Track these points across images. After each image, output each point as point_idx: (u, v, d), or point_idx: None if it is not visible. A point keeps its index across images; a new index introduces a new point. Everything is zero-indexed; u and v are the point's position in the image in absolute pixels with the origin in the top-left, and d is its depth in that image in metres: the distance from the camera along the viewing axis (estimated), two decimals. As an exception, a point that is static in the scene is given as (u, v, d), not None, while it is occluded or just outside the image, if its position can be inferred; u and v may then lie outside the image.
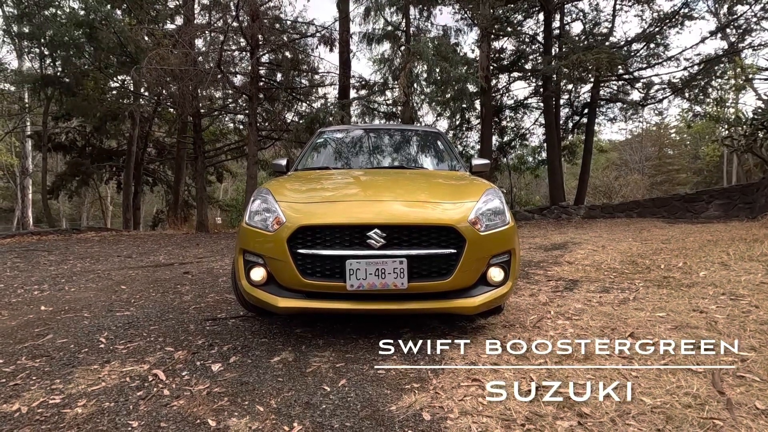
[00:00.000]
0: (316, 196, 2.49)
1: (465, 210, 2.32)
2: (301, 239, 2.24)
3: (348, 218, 2.21)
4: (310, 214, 2.28)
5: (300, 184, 2.72)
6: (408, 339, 2.39)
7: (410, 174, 2.94)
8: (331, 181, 2.77)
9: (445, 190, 2.60)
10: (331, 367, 2.04)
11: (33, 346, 2.43)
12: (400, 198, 2.38)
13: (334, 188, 2.63)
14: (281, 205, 2.37)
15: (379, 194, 2.43)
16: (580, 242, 6.44)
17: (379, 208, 2.26)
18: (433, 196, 2.46)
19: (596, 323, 2.54)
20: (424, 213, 2.27)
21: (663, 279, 3.63)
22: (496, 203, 2.51)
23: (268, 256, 2.30)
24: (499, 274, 2.41)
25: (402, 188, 2.59)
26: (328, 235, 2.22)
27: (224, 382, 1.92)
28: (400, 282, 2.17)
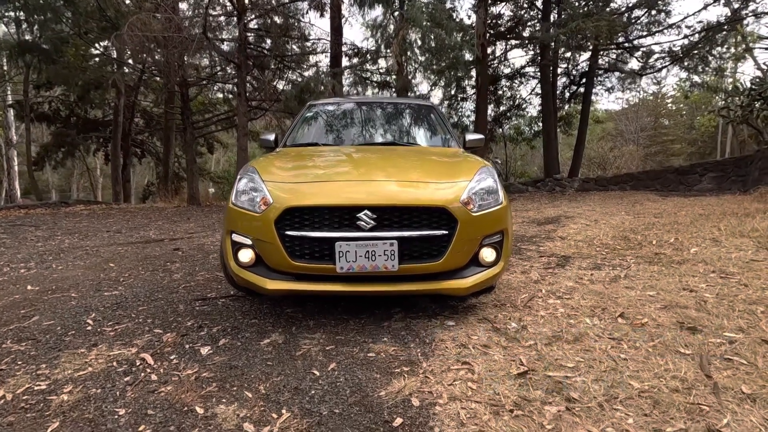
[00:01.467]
0: (304, 175, 2.41)
1: (457, 190, 2.27)
2: (288, 221, 2.18)
3: (337, 199, 2.15)
4: (297, 194, 2.21)
5: (288, 162, 2.64)
6: (399, 320, 2.39)
7: (402, 151, 2.86)
8: (321, 159, 2.69)
9: (438, 168, 2.53)
10: (321, 350, 2.03)
11: (18, 329, 2.40)
12: (392, 177, 2.31)
13: (324, 166, 2.54)
14: (268, 185, 2.30)
15: (370, 173, 2.36)
16: (573, 216, 6.44)
17: (369, 189, 2.20)
18: (425, 175, 2.39)
19: (587, 302, 2.55)
20: (415, 193, 2.20)
21: (654, 255, 3.64)
22: (490, 182, 2.45)
23: (255, 238, 2.25)
24: (491, 254, 2.38)
25: (393, 166, 2.51)
26: (317, 217, 2.16)
27: (213, 366, 1.91)
28: (391, 264, 2.13)
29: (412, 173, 2.41)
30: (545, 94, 11.16)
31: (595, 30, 7.39)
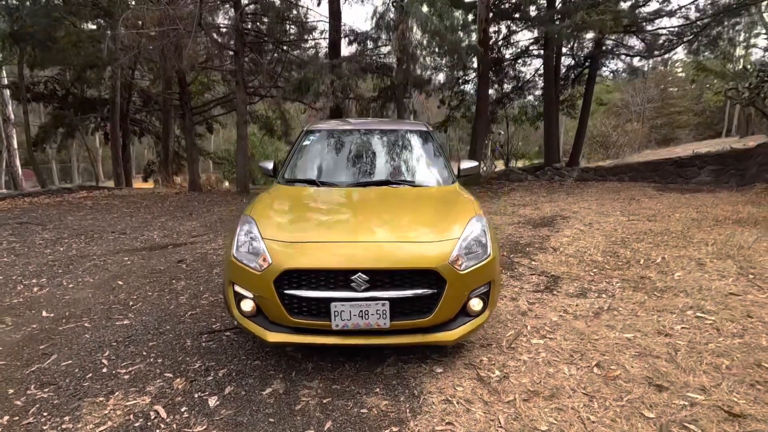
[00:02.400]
0: (302, 229, 2.52)
1: (447, 248, 2.39)
2: (287, 280, 2.32)
3: (333, 262, 2.28)
4: (295, 255, 2.34)
5: (285, 210, 2.75)
6: (391, 364, 2.57)
7: (397, 196, 2.96)
8: (317, 208, 2.79)
9: (430, 219, 2.64)
10: (319, 404, 2.22)
11: (40, 371, 2.59)
12: (385, 235, 2.43)
13: (320, 219, 2.65)
14: (267, 243, 2.42)
15: (365, 231, 2.48)
16: (569, 217, 6.55)
17: (364, 251, 2.32)
18: (416, 231, 2.50)
19: (567, 345, 2.72)
20: (406, 255, 2.33)
21: (640, 279, 3.79)
22: (479, 234, 2.57)
23: (255, 294, 2.40)
24: (478, 304, 2.53)
25: (387, 220, 2.62)
26: (314, 278, 2.30)
27: (220, 422, 2.10)
28: (383, 322, 2.29)
29: (405, 229, 2.52)
30: (547, 81, 10.98)
31: (599, 23, 7.23)
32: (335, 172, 3.30)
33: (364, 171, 3.31)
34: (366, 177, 3.25)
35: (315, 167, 3.38)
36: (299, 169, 3.38)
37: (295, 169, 3.39)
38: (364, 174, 3.28)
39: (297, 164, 3.43)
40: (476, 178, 10.31)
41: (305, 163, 3.43)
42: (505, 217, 6.87)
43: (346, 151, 3.51)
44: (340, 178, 3.23)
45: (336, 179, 3.22)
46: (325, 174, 3.30)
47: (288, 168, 3.42)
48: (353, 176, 3.26)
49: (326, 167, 3.37)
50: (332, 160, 3.44)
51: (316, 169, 3.36)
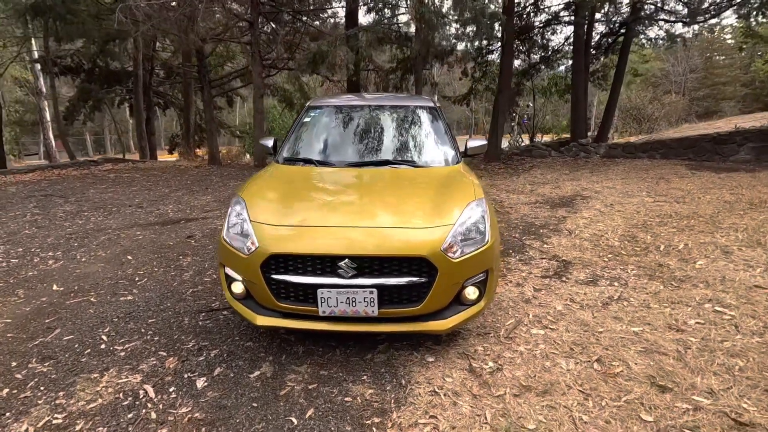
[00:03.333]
0: (291, 213, 2.44)
1: (441, 234, 2.27)
2: (274, 265, 2.27)
3: (319, 248, 2.21)
4: (282, 240, 2.27)
5: (278, 191, 2.66)
6: (383, 351, 2.52)
7: (396, 177, 2.82)
8: (311, 189, 2.70)
9: (427, 202, 2.50)
10: (304, 390, 2.19)
11: (43, 345, 2.67)
12: (375, 221, 2.32)
13: (312, 202, 2.56)
14: (255, 225, 2.36)
15: (355, 216, 2.38)
16: (590, 197, 6.25)
17: (352, 237, 2.23)
18: (410, 216, 2.38)
19: (569, 337, 2.59)
20: (396, 242, 2.22)
21: (657, 267, 3.57)
22: (477, 219, 2.43)
23: (244, 278, 2.36)
24: (474, 293, 2.43)
25: (382, 203, 2.51)
26: (300, 263, 2.24)
27: (206, 404, 2.11)
28: (371, 310, 2.22)
29: (399, 213, 2.40)
30: (577, 50, 10.30)
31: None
32: (334, 151, 3.19)
33: (364, 150, 3.18)
34: (366, 157, 3.12)
35: (313, 146, 3.27)
36: (297, 148, 3.28)
37: (293, 148, 3.29)
38: (364, 153, 3.15)
39: (295, 142, 3.33)
40: (497, 154, 9.96)
41: (304, 141, 3.33)
42: (522, 195, 6.63)
43: (347, 128, 3.38)
44: (339, 158, 3.11)
45: (334, 159, 3.11)
46: (323, 153, 3.19)
47: (286, 146, 3.33)
48: (353, 156, 3.14)
49: (325, 146, 3.26)
50: (332, 138, 3.32)
51: (314, 148, 3.25)
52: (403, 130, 3.34)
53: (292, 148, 3.29)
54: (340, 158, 3.10)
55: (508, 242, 4.44)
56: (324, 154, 3.17)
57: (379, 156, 3.10)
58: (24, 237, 4.95)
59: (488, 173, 8.75)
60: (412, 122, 3.43)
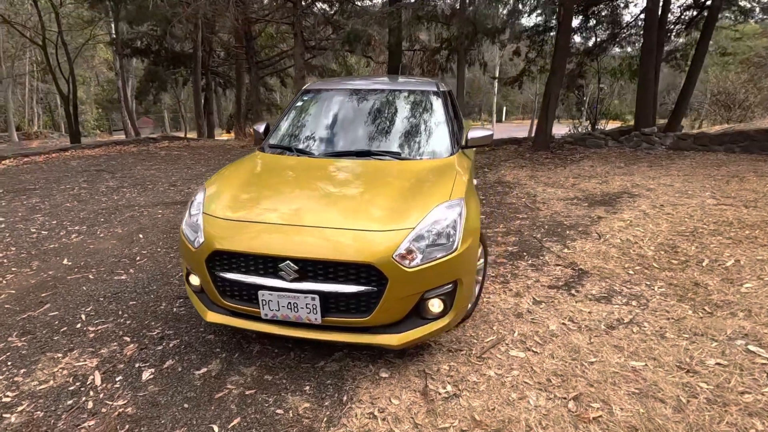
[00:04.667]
0: (246, 206, 2.29)
1: (395, 240, 2.01)
2: (218, 261, 2.15)
3: (260, 247, 2.05)
4: (227, 235, 2.14)
5: (242, 183, 2.52)
6: (338, 359, 2.33)
7: (371, 172, 2.57)
8: (275, 183, 2.53)
9: (393, 200, 2.24)
10: (240, 395, 2.08)
11: (29, 319, 2.80)
12: (328, 221, 2.10)
13: (269, 197, 2.38)
14: (205, 219, 2.25)
15: (308, 214, 2.17)
16: (639, 195, 5.52)
17: (295, 238, 2.04)
18: (369, 216, 2.14)
19: (551, 365, 2.23)
20: (342, 247, 2.00)
21: (692, 286, 3.01)
22: (447, 223, 2.14)
23: (194, 272, 2.28)
24: (438, 306, 2.16)
25: (343, 200, 2.28)
26: (243, 262, 2.10)
27: (142, 399, 2.07)
28: (314, 317, 2.05)
29: (358, 213, 2.17)
30: (649, 26, 9.03)
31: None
32: (316, 140, 2.99)
33: (347, 139, 2.94)
34: (348, 146, 2.88)
35: (298, 133, 3.09)
36: (282, 135, 3.12)
37: (279, 134, 3.14)
38: (347, 143, 2.92)
39: (282, 128, 3.17)
40: (546, 142, 9.17)
41: (290, 127, 3.16)
42: (560, 190, 6.01)
43: (336, 114, 3.15)
44: (319, 147, 2.91)
45: (314, 148, 2.91)
46: (304, 141, 3.00)
47: (273, 132, 3.18)
48: (334, 145, 2.92)
49: (309, 133, 3.07)
50: (317, 126, 3.11)
51: (296, 135, 3.07)
52: (394, 118, 3.04)
53: (277, 135, 3.13)
54: (320, 147, 2.90)
55: (525, 243, 4.02)
56: (305, 142, 2.99)
57: (362, 146, 2.85)
58: (63, 210, 5.33)
59: (531, 163, 8.09)
60: (407, 108, 3.13)
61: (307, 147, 2.91)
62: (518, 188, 6.22)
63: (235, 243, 2.09)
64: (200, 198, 2.43)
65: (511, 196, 5.81)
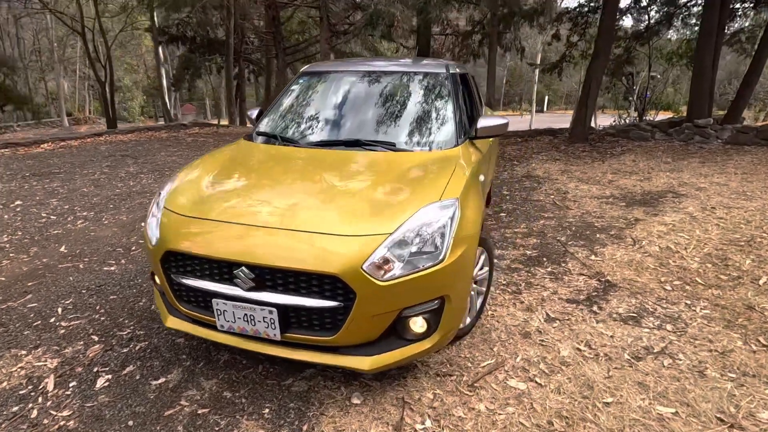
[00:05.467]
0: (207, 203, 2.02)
1: (366, 247, 1.69)
2: (173, 262, 1.92)
3: (213, 250, 1.78)
4: (182, 234, 1.90)
5: (215, 174, 2.26)
6: (308, 377, 2.06)
7: (357, 164, 2.25)
8: (248, 175, 2.25)
9: (374, 200, 1.91)
10: (191, 414, 1.85)
11: (7, 310, 2.71)
12: (294, 222, 1.81)
13: (237, 192, 2.10)
14: (165, 214, 2.02)
15: (271, 213, 1.88)
16: (686, 195, 4.88)
17: (253, 241, 1.77)
18: (342, 218, 1.82)
19: (556, 402, 1.85)
20: (303, 254, 1.70)
21: (744, 311, 2.51)
22: (434, 229, 1.80)
23: (155, 271, 2.06)
24: (420, 325, 1.84)
25: (317, 198, 1.97)
26: (197, 265, 1.85)
27: (88, 411, 1.88)
28: (273, 332, 1.77)
29: (330, 214, 1.85)
30: (710, 3, 8.03)
31: None
32: (305, 127, 2.69)
33: (337, 127, 2.63)
34: (338, 135, 2.57)
35: (286, 119, 2.81)
36: (269, 121, 2.84)
37: (267, 121, 2.86)
38: (336, 131, 2.60)
39: (271, 114, 2.89)
40: (584, 134, 8.45)
41: (281, 113, 2.87)
42: (595, 187, 5.44)
43: (331, 99, 2.84)
44: (305, 136, 2.61)
45: (301, 137, 2.61)
46: (290, 129, 2.71)
47: (263, 118, 2.91)
48: (323, 134, 2.61)
49: (298, 119, 2.77)
50: (308, 111, 2.81)
51: (285, 122, 2.78)
52: (392, 103, 2.69)
53: (266, 122, 2.86)
54: (306, 136, 2.60)
55: (547, 247, 3.58)
56: (291, 130, 2.69)
57: (353, 135, 2.52)
58: (78, 195, 5.35)
59: (566, 156, 7.46)
60: (409, 93, 2.76)
61: (292, 135, 2.62)
62: (548, 183, 5.70)
63: (187, 243, 1.84)
64: (165, 190, 2.20)
65: (539, 192, 5.32)
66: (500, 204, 4.87)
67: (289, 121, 2.78)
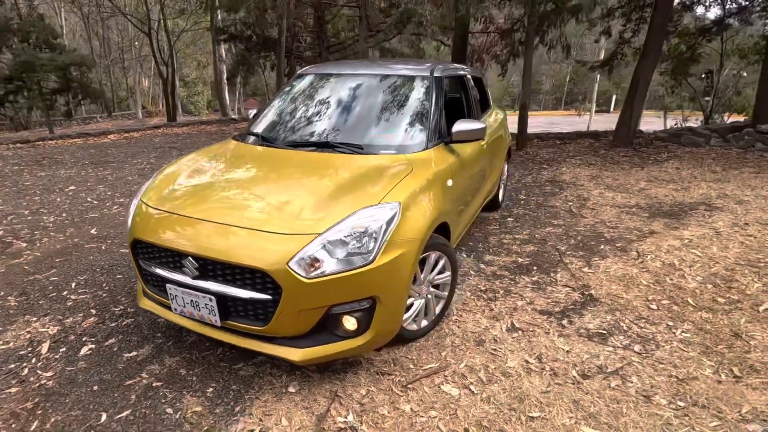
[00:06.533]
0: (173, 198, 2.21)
1: (296, 245, 1.80)
2: (140, 249, 2.14)
3: (167, 241, 1.98)
4: (148, 224, 2.11)
5: (191, 170, 2.47)
6: (258, 364, 2.21)
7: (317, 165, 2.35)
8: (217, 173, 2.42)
9: (318, 200, 2.00)
10: (146, 387, 2.06)
11: (33, 281, 3.12)
12: (238, 219, 1.95)
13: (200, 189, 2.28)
14: (138, 205, 2.26)
15: (222, 209, 2.04)
16: (721, 208, 4.47)
17: (200, 234, 1.93)
18: (282, 217, 1.94)
19: (480, 411, 1.85)
20: (238, 249, 1.84)
21: (729, 338, 2.31)
22: (370, 231, 1.87)
23: (131, 255, 2.30)
24: (352, 323, 1.92)
25: (267, 197, 2.11)
26: (156, 253, 2.06)
27: (66, 374, 2.16)
28: (213, 318, 1.94)
29: (273, 212, 1.98)
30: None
31: None
32: (283, 128, 2.83)
33: (312, 129, 2.74)
34: (311, 137, 2.68)
35: (272, 120, 2.96)
36: (259, 121, 3.01)
37: (257, 121, 3.04)
38: (312, 133, 2.71)
39: (262, 115, 3.07)
40: (628, 138, 7.90)
41: (269, 114, 3.04)
42: (622, 195, 5.13)
43: (314, 101, 2.95)
44: (283, 137, 2.74)
45: (277, 137, 2.75)
46: (272, 129, 2.86)
47: (255, 118, 3.10)
48: (298, 135, 2.73)
49: (280, 121, 2.91)
50: (292, 113, 2.95)
51: (269, 123, 2.94)
52: (368, 106, 2.75)
53: (256, 122, 3.05)
54: (283, 137, 2.74)
55: (542, 255, 3.48)
56: (272, 130, 2.84)
57: (324, 137, 2.63)
58: (123, 182, 5.93)
59: (603, 161, 7.03)
60: (386, 96, 2.81)
61: (271, 136, 2.77)
62: (570, 189, 5.45)
63: (149, 233, 2.05)
64: (146, 184, 2.44)
65: (558, 198, 5.11)
66: (511, 209, 4.75)
67: (273, 121, 2.93)
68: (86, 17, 22.72)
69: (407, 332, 2.28)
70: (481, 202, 3.67)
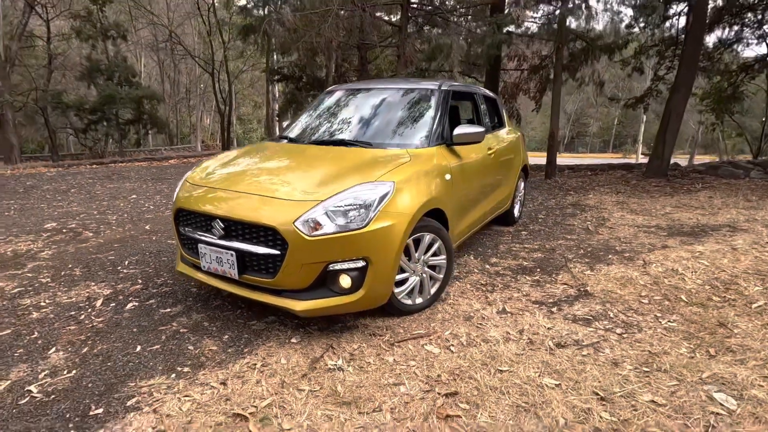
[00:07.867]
0: (211, 177, 2.69)
1: (302, 208, 2.17)
2: (182, 218, 2.59)
3: (201, 207, 2.41)
4: (188, 197, 2.57)
5: (231, 158, 2.95)
6: (268, 322, 2.53)
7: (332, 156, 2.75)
8: (251, 159, 2.89)
9: (325, 178, 2.38)
10: (175, 331, 2.44)
11: (95, 259, 3.68)
12: (259, 190, 2.37)
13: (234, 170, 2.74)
14: (183, 182, 2.74)
15: (248, 184, 2.47)
16: (745, 230, 4.40)
17: (230, 202, 2.36)
18: (295, 189, 2.33)
19: (454, 364, 2.05)
20: (256, 210, 2.23)
21: (714, 327, 2.37)
22: (365, 200, 2.21)
23: (175, 226, 2.76)
24: (346, 281, 2.22)
25: (287, 176, 2.53)
26: (192, 219, 2.49)
27: (113, 320, 2.59)
28: (233, 272, 2.31)
29: (288, 186, 2.38)
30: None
31: None
32: (308, 130, 3.29)
33: (332, 130, 3.18)
34: (327, 136, 3.12)
35: (300, 125, 3.44)
36: (291, 127, 3.51)
37: (289, 126, 3.53)
38: (331, 133, 3.15)
39: (294, 122, 3.57)
40: (662, 169, 7.83)
41: (300, 121, 3.53)
42: (643, 217, 5.14)
43: (338, 110, 3.42)
44: (306, 136, 3.20)
45: (302, 136, 3.22)
46: (299, 131, 3.33)
47: (287, 127, 3.60)
48: (319, 135, 3.18)
49: (306, 125, 3.39)
50: (318, 119, 3.42)
51: (298, 127, 3.42)
52: (381, 112, 3.17)
53: (288, 127, 3.54)
54: (307, 136, 3.19)
55: (548, 261, 3.63)
56: (299, 132, 3.31)
57: (341, 135, 3.06)
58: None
59: (632, 190, 7.01)
60: (400, 105, 3.21)
61: (297, 136, 3.24)
62: (591, 211, 5.53)
63: (188, 203, 2.50)
64: (190, 171, 2.93)
65: (577, 218, 5.20)
66: (528, 225, 4.91)
67: (299, 126, 3.42)
68: (161, 62, 25.59)
69: (402, 305, 2.54)
70: (490, 210, 3.89)
